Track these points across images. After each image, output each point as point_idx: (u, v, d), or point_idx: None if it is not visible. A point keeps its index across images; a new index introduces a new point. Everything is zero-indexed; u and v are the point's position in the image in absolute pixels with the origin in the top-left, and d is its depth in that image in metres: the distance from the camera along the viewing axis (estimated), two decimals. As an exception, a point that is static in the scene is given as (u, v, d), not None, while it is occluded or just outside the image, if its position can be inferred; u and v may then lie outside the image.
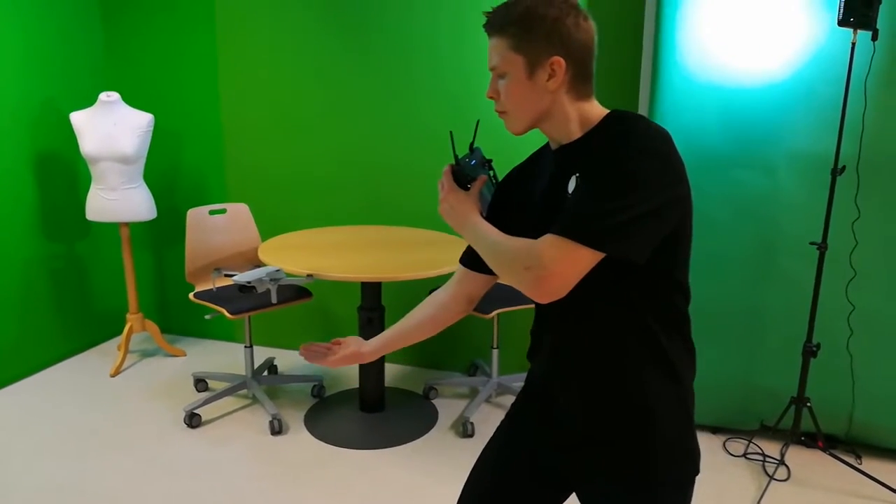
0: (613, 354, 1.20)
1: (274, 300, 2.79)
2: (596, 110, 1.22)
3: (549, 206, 1.23)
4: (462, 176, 1.30)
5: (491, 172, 1.33)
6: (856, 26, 2.29)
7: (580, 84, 1.21)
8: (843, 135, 2.54)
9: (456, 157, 1.32)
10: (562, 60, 1.17)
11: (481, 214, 1.28)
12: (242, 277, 2.53)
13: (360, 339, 1.53)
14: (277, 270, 2.57)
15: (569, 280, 1.08)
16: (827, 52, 2.52)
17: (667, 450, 1.20)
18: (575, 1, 1.20)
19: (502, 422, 1.45)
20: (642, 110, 3.02)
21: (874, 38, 2.33)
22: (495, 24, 1.20)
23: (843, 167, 2.44)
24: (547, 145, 1.35)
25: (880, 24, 2.42)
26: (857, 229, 2.62)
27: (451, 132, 1.45)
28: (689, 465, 1.22)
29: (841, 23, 2.28)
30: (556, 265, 1.07)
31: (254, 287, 2.59)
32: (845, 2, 2.26)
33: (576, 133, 1.22)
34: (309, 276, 2.51)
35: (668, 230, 1.14)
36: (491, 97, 1.25)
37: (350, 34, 3.44)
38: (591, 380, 1.23)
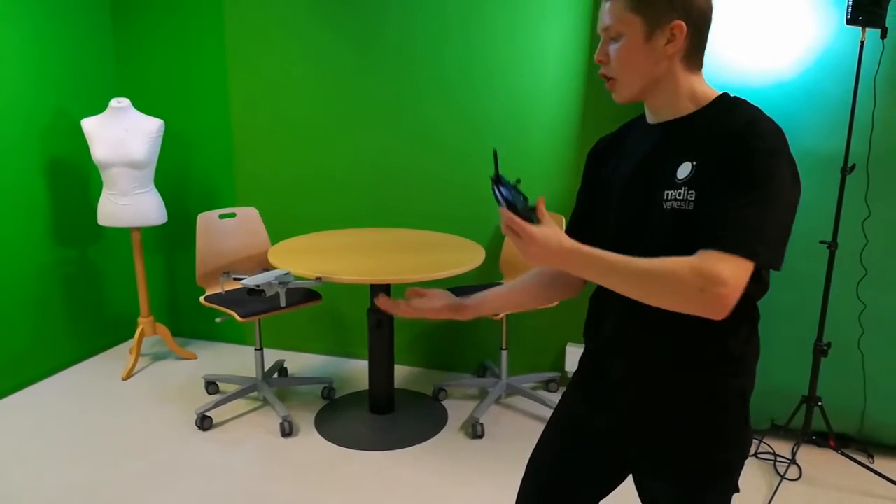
0: (683, 338, 1.17)
1: (283, 303, 2.81)
2: (706, 88, 1.18)
3: (646, 185, 1.17)
4: (523, 210, 1.13)
5: (520, 192, 1.18)
6: (864, 24, 2.29)
7: (695, 54, 1.16)
8: (853, 133, 2.53)
9: (507, 200, 1.14)
10: (683, 24, 1.12)
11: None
12: (251, 281, 2.55)
13: (450, 293, 1.41)
14: (286, 273, 2.58)
15: (741, 293, 1.03)
16: (835, 50, 2.51)
17: (722, 435, 1.19)
18: None
19: (561, 399, 1.43)
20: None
21: (883, 35, 2.33)
22: None
23: (853, 165, 2.43)
24: (639, 120, 1.29)
25: (889, 21, 2.41)
26: (867, 228, 2.61)
27: (494, 150, 1.28)
28: (741, 450, 1.21)
29: (850, 21, 2.28)
30: (737, 281, 1.02)
31: (263, 290, 2.60)
32: (854, 0, 2.26)
33: (686, 108, 1.17)
34: (317, 278, 2.52)
35: None
36: (600, 61, 1.19)
37: (357, 40, 3.45)
38: (652, 361, 1.21)
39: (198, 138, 3.83)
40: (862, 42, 2.35)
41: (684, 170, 1.11)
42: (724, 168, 1.06)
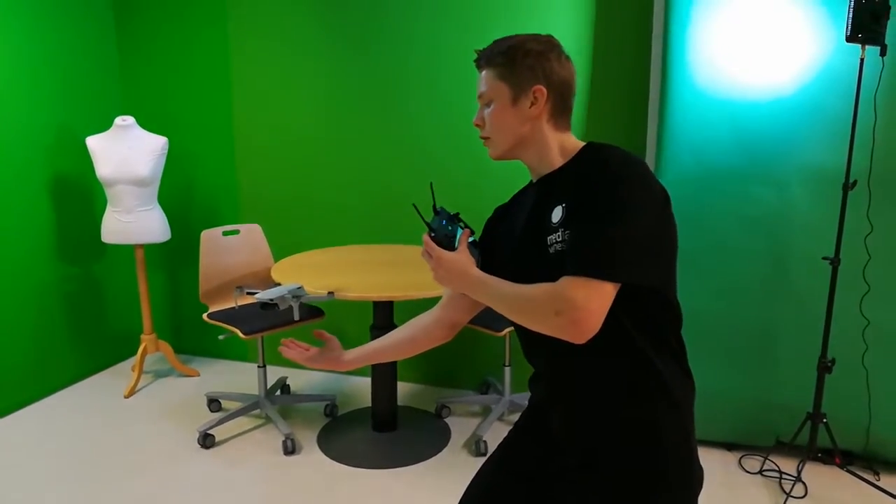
0: (606, 380, 1.21)
1: (297, 317, 2.80)
2: (574, 142, 1.29)
3: (533, 236, 1.25)
4: (443, 238, 1.31)
5: (461, 224, 1.34)
6: (864, 42, 2.30)
7: (559, 115, 1.28)
8: (854, 149, 2.53)
9: (428, 224, 1.33)
10: (544, 89, 1.25)
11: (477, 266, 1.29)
12: (265, 295, 2.54)
13: (341, 347, 1.56)
14: (299, 288, 2.58)
15: (602, 316, 1.10)
16: (836, 66, 2.53)
17: (665, 474, 1.19)
18: (557, 42, 1.28)
19: (506, 438, 1.46)
20: (651, 126, 3.03)
21: (883, 53, 2.34)
22: (485, 56, 1.29)
23: (855, 182, 2.43)
24: (528, 183, 1.39)
25: (889, 38, 2.42)
26: (869, 244, 2.61)
27: (414, 205, 1.48)
28: (688, 491, 1.21)
29: (849, 39, 2.29)
30: (588, 304, 1.08)
31: (276, 304, 2.59)
32: (853, 18, 2.27)
33: (557, 162, 1.27)
34: (330, 293, 2.52)
35: (675, 248, 1.18)
36: (477, 125, 1.32)
37: (361, 58, 3.48)
38: (586, 406, 1.24)
39: (202, 155, 3.85)
40: (862, 59, 2.36)
41: (557, 213, 1.21)
42: (581, 204, 1.15)
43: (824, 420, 2.64)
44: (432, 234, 1.31)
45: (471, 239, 1.34)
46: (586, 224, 1.12)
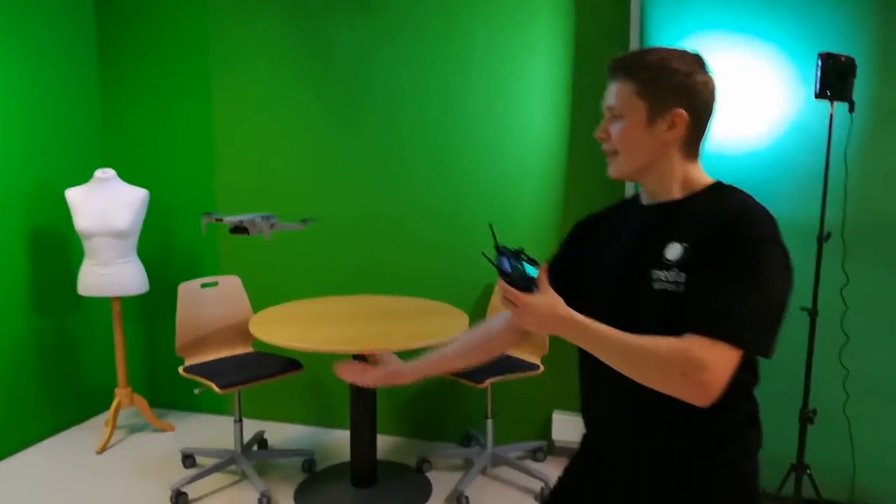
0: (673, 422, 1.16)
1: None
2: (701, 175, 1.21)
3: (637, 265, 1.16)
4: (519, 279, 1.15)
5: (525, 258, 1.18)
6: (832, 98, 2.36)
7: (693, 143, 1.19)
8: (827, 202, 2.58)
9: (499, 269, 1.17)
10: (685, 114, 1.15)
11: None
12: (234, 218, 2.42)
13: (397, 357, 1.45)
14: (271, 215, 2.48)
15: (727, 380, 1.02)
16: (807, 122, 2.59)
17: None
18: (703, 59, 1.18)
19: (558, 482, 1.40)
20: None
21: (851, 109, 2.40)
22: (624, 67, 1.17)
23: (829, 234, 2.47)
24: (631, 201, 1.31)
25: (856, 95, 2.49)
26: (846, 294, 2.64)
27: (483, 253, 1.26)
28: None
29: (818, 96, 2.35)
30: (719, 369, 1.01)
31: (247, 228, 2.47)
32: (821, 76, 2.34)
33: (676, 193, 1.19)
34: (303, 221, 2.43)
35: None
36: (601, 138, 1.22)
37: (342, 108, 3.51)
38: (648, 447, 1.19)
39: (181, 207, 3.83)
40: (831, 115, 2.42)
41: (675, 251, 1.12)
42: (714, 253, 1.07)
43: (808, 471, 2.62)
44: (507, 278, 1.16)
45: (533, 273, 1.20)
46: (723, 281, 1.03)
